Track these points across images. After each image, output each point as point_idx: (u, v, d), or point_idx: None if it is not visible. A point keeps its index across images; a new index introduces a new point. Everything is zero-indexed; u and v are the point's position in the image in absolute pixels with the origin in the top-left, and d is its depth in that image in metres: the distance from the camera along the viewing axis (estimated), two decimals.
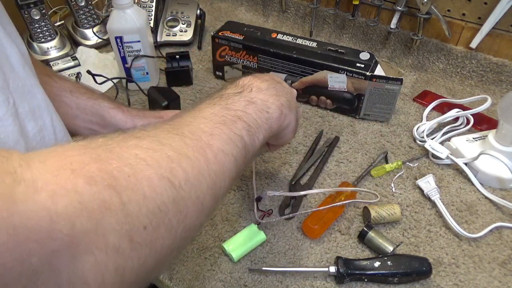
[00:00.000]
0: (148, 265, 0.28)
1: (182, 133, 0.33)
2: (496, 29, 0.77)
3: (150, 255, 0.27)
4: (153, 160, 0.29)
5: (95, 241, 0.24)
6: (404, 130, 0.74)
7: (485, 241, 0.56)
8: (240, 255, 0.54)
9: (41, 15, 0.87)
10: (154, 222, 0.27)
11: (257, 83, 0.44)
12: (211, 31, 0.86)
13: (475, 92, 0.82)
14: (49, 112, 0.41)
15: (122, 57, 0.78)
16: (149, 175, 0.28)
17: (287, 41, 0.77)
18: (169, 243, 0.29)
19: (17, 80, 0.37)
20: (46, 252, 0.22)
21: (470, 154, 0.65)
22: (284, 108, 0.44)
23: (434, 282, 0.52)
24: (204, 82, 0.86)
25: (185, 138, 0.32)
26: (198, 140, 0.33)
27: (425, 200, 0.62)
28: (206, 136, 0.34)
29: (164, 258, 0.29)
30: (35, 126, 0.39)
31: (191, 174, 0.30)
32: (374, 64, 0.71)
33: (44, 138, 0.40)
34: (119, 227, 0.25)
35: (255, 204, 0.59)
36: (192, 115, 0.37)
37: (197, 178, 0.31)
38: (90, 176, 0.25)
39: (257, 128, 0.40)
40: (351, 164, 0.68)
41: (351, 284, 0.52)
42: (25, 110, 0.38)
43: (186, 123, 0.35)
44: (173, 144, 0.31)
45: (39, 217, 0.22)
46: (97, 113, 0.57)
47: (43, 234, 0.22)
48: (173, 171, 0.29)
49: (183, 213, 0.29)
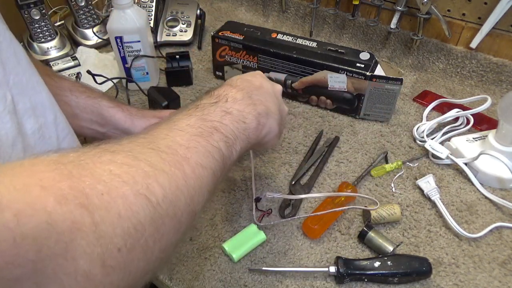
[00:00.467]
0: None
1: (158, 147, 0.31)
2: (496, 29, 0.77)
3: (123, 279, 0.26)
4: (128, 176, 0.27)
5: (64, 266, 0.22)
6: (404, 130, 0.74)
7: (485, 241, 0.56)
8: (240, 255, 0.54)
9: (41, 15, 0.87)
10: (129, 244, 0.25)
11: (232, 93, 0.42)
12: (211, 31, 0.87)
13: (475, 92, 0.82)
14: (53, 110, 0.41)
15: (122, 57, 0.78)
16: (124, 192, 0.26)
17: (287, 41, 0.77)
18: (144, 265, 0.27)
19: (21, 75, 0.36)
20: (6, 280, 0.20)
21: (470, 154, 0.65)
22: (261, 117, 0.43)
23: (434, 282, 0.52)
24: (204, 82, 0.86)
25: (161, 153, 0.31)
26: (175, 154, 0.32)
27: (425, 200, 0.62)
28: (183, 150, 0.32)
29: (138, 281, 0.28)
30: (34, 124, 0.38)
31: (168, 190, 0.29)
32: (374, 64, 0.71)
33: (44, 136, 0.40)
34: (90, 250, 0.23)
35: (254, 204, 0.59)
36: (167, 127, 0.35)
37: (175, 194, 0.29)
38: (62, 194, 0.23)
39: (234, 139, 0.38)
40: (351, 164, 0.68)
41: (351, 284, 0.52)
42: (26, 107, 0.37)
43: (161, 136, 0.33)
44: (149, 159, 0.29)
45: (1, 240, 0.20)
46: (97, 112, 0.57)
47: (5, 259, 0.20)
48: (150, 187, 0.28)
49: (160, 232, 0.28)
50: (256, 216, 0.58)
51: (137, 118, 0.59)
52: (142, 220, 0.26)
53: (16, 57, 0.37)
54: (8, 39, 0.37)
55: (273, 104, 0.46)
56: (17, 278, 0.20)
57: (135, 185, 0.27)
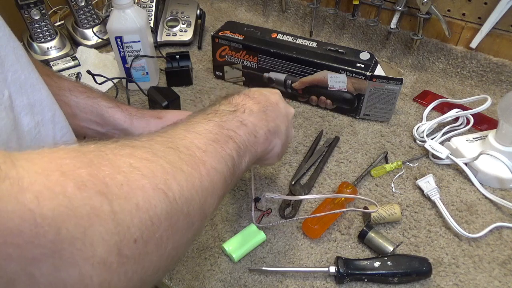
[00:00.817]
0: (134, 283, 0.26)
1: (177, 147, 0.32)
2: (496, 29, 0.77)
3: (137, 271, 0.26)
4: (148, 170, 0.28)
5: (82, 251, 0.22)
6: (404, 130, 0.74)
7: (485, 241, 0.56)
8: (240, 255, 0.54)
9: (41, 15, 0.87)
10: (145, 236, 0.26)
11: (249, 104, 0.44)
12: (211, 31, 0.87)
13: (475, 92, 0.82)
14: (51, 108, 0.41)
15: (122, 57, 0.78)
16: (143, 185, 0.27)
17: (287, 41, 0.77)
18: (156, 260, 0.28)
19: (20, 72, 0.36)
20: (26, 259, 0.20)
21: (470, 154, 0.65)
22: (270, 134, 0.44)
23: (434, 282, 0.52)
24: (204, 82, 0.86)
25: (180, 153, 0.32)
26: (192, 155, 0.33)
27: (425, 200, 0.62)
28: (200, 152, 0.34)
29: (150, 277, 0.28)
30: (31, 121, 0.38)
31: (185, 188, 0.30)
32: (374, 64, 0.71)
33: (41, 134, 0.39)
34: (108, 238, 0.23)
35: (253, 204, 0.59)
36: (186, 128, 0.36)
37: (191, 193, 0.30)
38: (81, 180, 0.23)
39: (245, 151, 0.40)
40: (351, 164, 0.68)
41: (351, 284, 0.52)
42: (23, 104, 0.37)
43: (180, 137, 0.34)
44: (168, 156, 0.31)
45: (22, 219, 0.20)
46: (96, 112, 0.57)
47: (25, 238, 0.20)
48: (167, 183, 0.28)
49: (174, 228, 0.28)
50: (255, 216, 0.58)
51: (137, 118, 0.59)
52: (158, 213, 0.27)
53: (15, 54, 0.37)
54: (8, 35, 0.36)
55: (283, 125, 0.47)
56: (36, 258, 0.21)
57: (154, 179, 0.27)
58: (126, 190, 0.25)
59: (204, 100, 0.81)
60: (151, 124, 0.59)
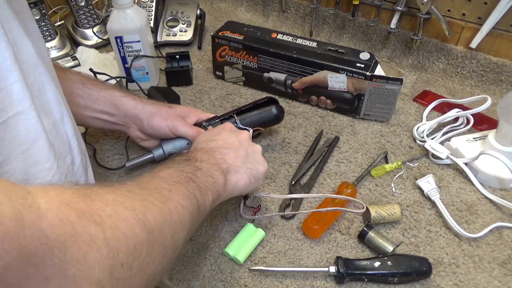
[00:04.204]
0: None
1: (147, 188, 0.38)
2: (496, 29, 0.77)
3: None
4: (128, 204, 0.32)
5: (82, 271, 0.25)
6: (404, 130, 0.74)
7: (485, 241, 0.56)
8: (245, 256, 0.54)
9: (41, 15, 0.87)
10: (130, 261, 0.29)
11: (198, 155, 0.49)
12: (211, 31, 0.87)
13: (475, 92, 0.82)
14: (59, 110, 0.43)
15: (122, 57, 0.78)
16: (127, 216, 0.31)
17: (287, 41, 0.77)
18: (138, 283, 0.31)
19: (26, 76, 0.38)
20: (40, 277, 0.23)
21: (470, 154, 0.65)
22: (225, 173, 0.48)
23: (434, 282, 0.52)
24: (204, 82, 0.86)
25: (150, 191, 0.37)
26: (161, 193, 0.38)
27: (425, 200, 0.62)
28: (167, 192, 0.39)
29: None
30: (49, 122, 0.41)
31: (158, 220, 0.34)
32: (374, 64, 0.71)
33: (59, 133, 0.43)
34: (103, 261, 0.27)
35: (242, 201, 0.58)
36: (151, 175, 0.41)
37: (163, 225, 0.35)
38: (81, 211, 0.27)
39: (206, 190, 0.44)
40: (351, 164, 0.68)
41: (351, 284, 0.52)
42: (38, 106, 0.39)
43: (147, 181, 0.39)
44: (141, 194, 0.36)
45: (40, 243, 0.23)
46: (109, 102, 0.60)
47: (41, 259, 0.23)
48: (145, 215, 0.33)
49: (152, 256, 0.32)
50: (243, 212, 0.57)
51: (149, 104, 0.62)
52: (140, 241, 0.31)
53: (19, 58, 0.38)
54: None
55: (235, 159, 0.51)
56: (47, 277, 0.24)
57: (134, 212, 0.32)
58: (114, 220, 0.29)
59: (204, 100, 0.81)
60: (162, 110, 0.62)
